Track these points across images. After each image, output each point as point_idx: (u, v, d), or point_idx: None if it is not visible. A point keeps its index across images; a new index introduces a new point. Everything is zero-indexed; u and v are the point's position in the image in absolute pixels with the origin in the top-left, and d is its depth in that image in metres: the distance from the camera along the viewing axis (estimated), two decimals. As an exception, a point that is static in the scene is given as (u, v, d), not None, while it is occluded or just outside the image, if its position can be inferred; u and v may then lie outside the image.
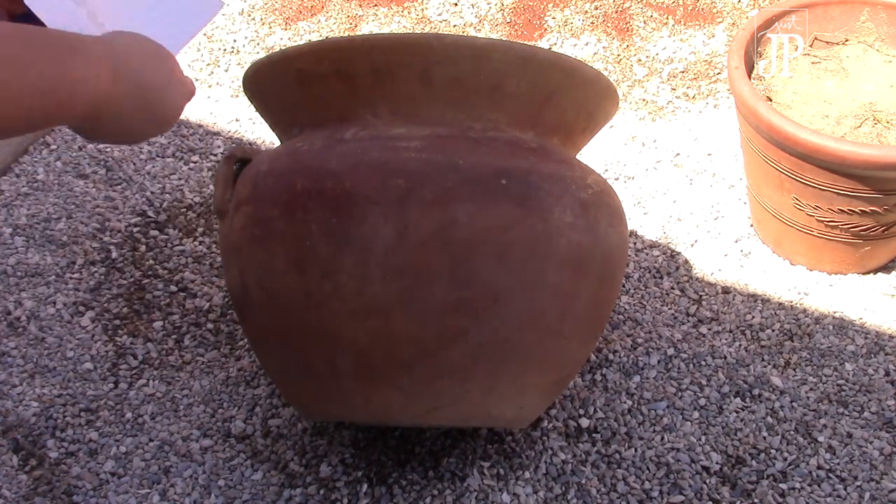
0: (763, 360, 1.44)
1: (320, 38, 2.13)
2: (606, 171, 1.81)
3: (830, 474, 1.26)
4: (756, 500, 1.23)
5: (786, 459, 1.28)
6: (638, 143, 1.87)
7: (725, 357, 1.44)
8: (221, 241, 1.15)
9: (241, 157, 1.16)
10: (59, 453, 1.29)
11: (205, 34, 2.20)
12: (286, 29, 2.20)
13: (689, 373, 1.41)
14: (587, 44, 2.12)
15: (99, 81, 0.61)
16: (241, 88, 1.89)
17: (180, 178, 1.79)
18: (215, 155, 1.86)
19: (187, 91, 0.77)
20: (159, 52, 0.71)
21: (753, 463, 1.28)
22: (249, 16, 2.25)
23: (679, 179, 1.79)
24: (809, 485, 1.25)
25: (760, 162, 1.51)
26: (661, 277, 1.59)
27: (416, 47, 1.03)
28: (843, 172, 1.39)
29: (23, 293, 1.53)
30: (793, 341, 1.47)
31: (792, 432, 1.32)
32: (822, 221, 1.49)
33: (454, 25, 2.19)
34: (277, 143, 1.26)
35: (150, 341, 1.46)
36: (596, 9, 2.18)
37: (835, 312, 1.52)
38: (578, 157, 1.23)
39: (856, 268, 1.59)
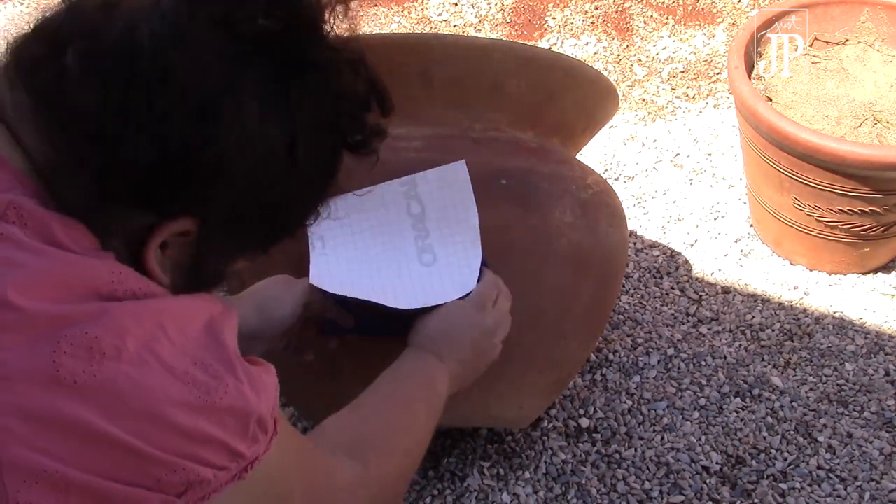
0: (763, 360, 1.44)
1: (320, 38, 2.13)
2: (606, 171, 1.81)
3: (830, 474, 1.26)
4: (756, 500, 1.23)
5: (786, 459, 1.28)
6: (638, 143, 1.87)
7: (725, 357, 1.44)
8: (222, 241, 1.15)
9: (241, 157, 1.16)
10: (60, 453, 1.29)
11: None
12: (286, 29, 2.20)
13: (689, 373, 1.41)
14: (587, 44, 2.12)
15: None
16: (242, 88, 1.88)
17: (180, 178, 1.78)
18: (215, 155, 1.86)
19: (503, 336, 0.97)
20: (483, 348, 0.94)
21: (753, 463, 1.28)
22: (249, 16, 2.25)
23: (679, 179, 1.79)
24: (809, 485, 1.25)
25: (760, 162, 1.51)
26: (661, 277, 1.59)
27: (417, 47, 1.03)
28: (843, 172, 1.39)
29: (23, 293, 1.53)
30: (793, 341, 1.47)
31: (792, 432, 1.32)
32: (822, 221, 1.49)
33: (454, 25, 2.19)
34: (278, 143, 1.26)
35: (150, 341, 1.46)
36: (596, 9, 2.18)
37: (835, 312, 1.53)
38: (578, 157, 1.23)
39: (856, 268, 1.59)
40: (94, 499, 0.49)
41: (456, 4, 2.23)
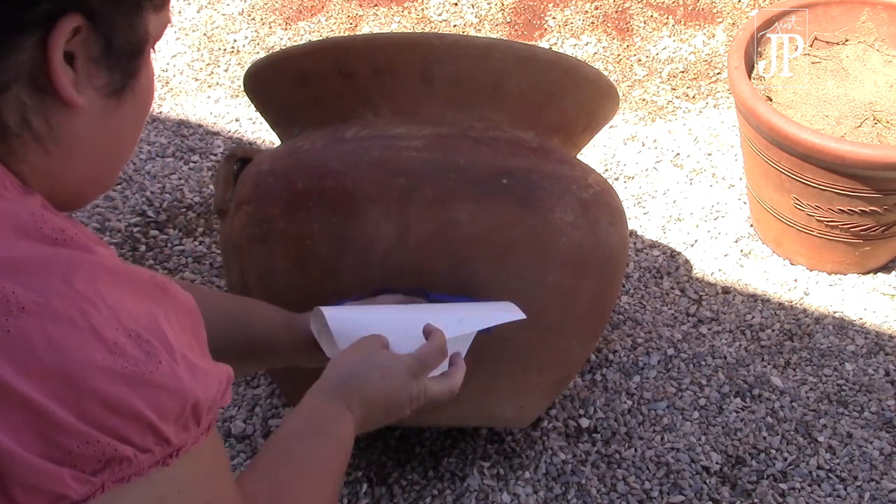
0: (763, 360, 1.44)
1: (320, 38, 2.13)
2: (606, 171, 1.81)
3: (830, 474, 1.26)
4: (756, 500, 1.23)
5: (786, 459, 1.28)
6: (638, 143, 1.87)
7: (725, 357, 1.44)
8: (222, 240, 1.15)
9: (241, 156, 1.16)
10: (59, 453, 1.29)
11: (205, 34, 2.20)
12: (286, 29, 2.20)
13: (689, 373, 1.41)
14: (587, 44, 2.12)
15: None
16: (242, 88, 1.89)
17: (180, 178, 1.79)
18: (215, 155, 1.86)
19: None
20: (396, 402, 0.83)
21: (753, 463, 1.28)
22: (249, 16, 2.25)
23: (679, 179, 1.79)
24: (809, 485, 1.25)
25: (760, 162, 1.51)
26: (661, 277, 1.59)
27: (417, 46, 1.03)
28: (843, 172, 1.39)
29: (23, 293, 1.53)
30: (793, 341, 1.47)
31: (792, 432, 1.32)
32: (822, 221, 1.49)
33: (454, 25, 2.19)
34: (278, 142, 1.26)
35: (150, 341, 1.46)
36: (596, 9, 2.18)
37: (835, 312, 1.53)
38: (579, 156, 1.23)
39: (856, 268, 1.59)
40: None
41: (456, 4, 2.23)
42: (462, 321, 0.91)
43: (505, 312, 0.96)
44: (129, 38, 0.54)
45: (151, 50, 0.58)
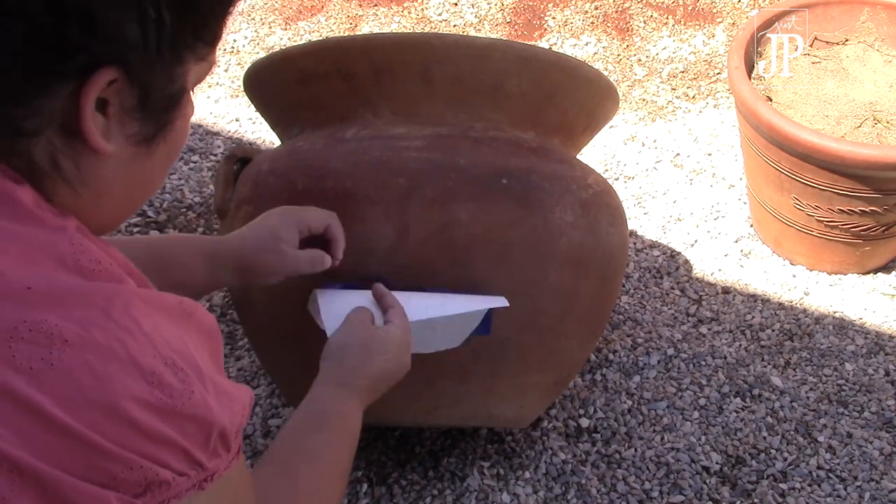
0: (763, 360, 1.44)
1: (320, 38, 2.13)
2: (606, 171, 1.81)
3: (830, 474, 1.26)
4: (756, 500, 1.23)
5: (786, 459, 1.28)
6: (638, 143, 1.87)
7: (725, 357, 1.44)
8: (222, 240, 1.15)
9: (241, 156, 1.16)
10: (59, 453, 1.29)
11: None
12: (286, 29, 2.20)
13: (689, 373, 1.41)
14: (587, 44, 2.12)
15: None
16: (242, 88, 1.89)
17: (180, 178, 1.78)
18: (215, 155, 1.86)
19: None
20: (396, 374, 0.89)
21: (753, 463, 1.28)
22: (249, 16, 2.25)
23: (679, 179, 1.79)
24: (809, 485, 1.25)
25: (760, 162, 1.51)
26: (661, 277, 1.59)
27: (417, 47, 1.03)
28: (843, 172, 1.39)
29: (23, 293, 1.53)
30: (793, 341, 1.47)
31: (792, 432, 1.32)
32: (822, 221, 1.49)
33: (454, 25, 2.19)
34: (278, 142, 1.26)
35: (150, 341, 1.45)
36: (596, 9, 2.18)
37: (835, 312, 1.53)
38: (579, 156, 1.23)
39: (856, 268, 1.59)
40: (45, 489, 0.46)
41: (456, 4, 2.23)
42: (444, 305, 0.96)
43: (488, 300, 0.99)
44: (167, 91, 0.55)
45: (191, 91, 0.58)
